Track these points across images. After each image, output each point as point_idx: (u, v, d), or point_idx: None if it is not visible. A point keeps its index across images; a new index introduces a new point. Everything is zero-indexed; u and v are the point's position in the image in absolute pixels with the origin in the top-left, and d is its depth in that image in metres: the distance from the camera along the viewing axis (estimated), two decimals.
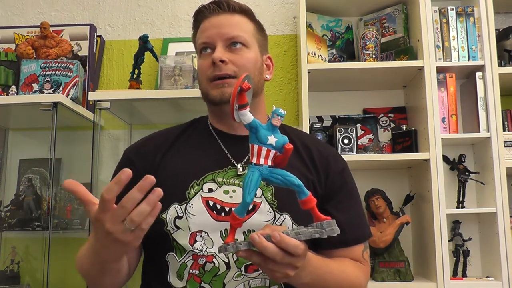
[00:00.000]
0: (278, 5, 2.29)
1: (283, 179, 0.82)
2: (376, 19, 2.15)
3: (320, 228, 0.81)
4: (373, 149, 2.02)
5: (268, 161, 0.82)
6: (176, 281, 1.00)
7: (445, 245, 1.78)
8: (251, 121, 0.82)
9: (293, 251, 0.79)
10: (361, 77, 2.02)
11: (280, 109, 0.82)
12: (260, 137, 0.82)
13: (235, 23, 1.09)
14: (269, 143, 0.82)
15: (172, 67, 1.94)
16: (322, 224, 0.81)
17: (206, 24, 1.11)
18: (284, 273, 0.82)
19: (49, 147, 1.83)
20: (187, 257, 1.00)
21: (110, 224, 0.75)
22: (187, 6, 2.29)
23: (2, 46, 2.20)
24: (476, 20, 1.96)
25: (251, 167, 0.82)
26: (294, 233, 0.81)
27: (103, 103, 1.87)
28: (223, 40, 1.08)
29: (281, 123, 0.83)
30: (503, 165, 1.83)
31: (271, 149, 0.82)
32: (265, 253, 0.78)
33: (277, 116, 0.82)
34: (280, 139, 0.83)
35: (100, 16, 2.31)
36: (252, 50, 1.10)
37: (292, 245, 0.79)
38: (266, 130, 0.82)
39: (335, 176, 1.11)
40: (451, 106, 1.93)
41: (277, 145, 0.82)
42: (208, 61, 1.08)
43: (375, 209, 1.90)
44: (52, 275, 1.83)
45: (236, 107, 0.82)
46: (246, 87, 0.81)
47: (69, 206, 2.10)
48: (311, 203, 0.82)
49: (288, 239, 0.79)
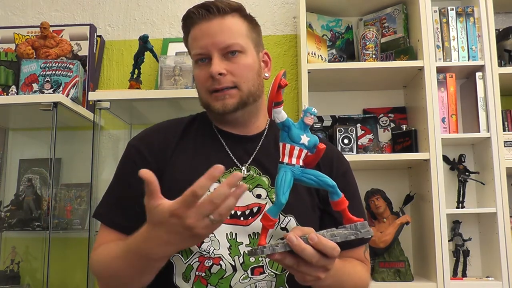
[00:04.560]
0: (278, 5, 2.29)
1: (317, 180, 0.81)
2: (376, 19, 2.15)
3: (355, 229, 0.80)
4: (373, 149, 2.02)
5: (300, 161, 0.80)
6: (182, 282, 1.00)
7: (445, 245, 1.78)
8: (284, 119, 0.80)
9: (330, 253, 0.79)
10: (361, 77, 2.02)
11: (313, 108, 0.80)
12: (292, 136, 0.79)
13: (228, 27, 1.05)
14: (302, 142, 0.80)
15: (172, 67, 1.94)
16: (357, 226, 0.80)
17: (197, 31, 1.07)
18: (315, 276, 0.82)
19: (49, 147, 1.83)
20: (193, 258, 0.99)
21: (194, 219, 0.75)
22: (187, 6, 2.24)
23: (2, 46, 2.20)
24: (476, 20, 1.96)
25: (282, 167, 0.80)
26: (329, 235, 0.80)
27: (103, 103, 1.87)
28: (218, 49, 1.04)
29: (313, 122, 0.81)
30: (503, 165, 1.83)
31: (304, 149, 0.80)
32: (303, 255, 0.78)
33: (310, 115, 0.79)
34: (312, 139, 0.81)
35: (100, 16, 2.31)
36: (249, 55, 1.07)
37: (330, 247, 0.79)
38: (299, 129, 0.80)
39: (338, 177, 1.10)
40: (451, 106, 1.93)
41: (309, 144, 0.80)
42: (206, 73, 1.05)
43: (375, 209, 1.90)
44: (52, 275, 1.83)
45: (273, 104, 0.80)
46: (284, 84, 0.79)
47: (69, 206, 2.10)
48: (343, 205, 0.82)
49: (326, 241, 0.78)
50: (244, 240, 0.98)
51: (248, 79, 1.06)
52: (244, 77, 1.05)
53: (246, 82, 1.05)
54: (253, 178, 1.04)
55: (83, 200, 2.11)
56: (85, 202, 2.09)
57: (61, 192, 2.13)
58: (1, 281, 2.00)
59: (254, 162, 1.07)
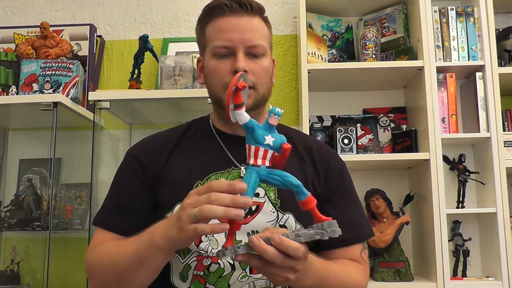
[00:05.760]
0: (278, 5, 2.29)
1: (282, 180, 0.80)
2: (376, 19, 2.15)
3: (321, 229, 0.78)
4: (373, 149, 2.02)
5: (266, 161, 0.80)
6: (179, 282, 1.00)
7: (445, 245, 1.78)
8: (247, 121, 0.80)
9: (293, 254, 0.78)
10: (361, 77, 2.02)
11: (277, 108, 0.79)
12: (257, 137, 0.79)
13: (256, 28, 1.06)
14: (266, 143, 0.79)
15: (172, 67, 1.94)
16: (323, 225, 0.79)
17: (226, 23, 1.05)
18: (284, 277, 0.81)
19: (49, 147, 1.83)
20: (191, 258, 1.00)
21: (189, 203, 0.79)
22: (187, 6, 2.29)
23: (2, 46, 2.20)
24: (476, 20, 1.96)
25: (248, 169, 0.80)
26: (294, 235, 0.78)
27: (103, 103, 1.87)
28: (245, 47, 1.04)
29: (278, 122, 0.80)
30: (503, 165, 1.83)
31: (269, 149, 0.80)
32: (265, 256, 0.77)
33: (274, 115, 0.79)
34: (278, 139, 0.80)
35: (100, 16, 2.31)
36: (268, 57, 1.09)
37: (292, 247, 0.77)
38: (263, 130, 0.80)
39: (333, 176, 1.11)
40: (451, 106, 1.93)
41: (275, 145, 0.80)
42: (226, 67, 1.04)
43: (375, 209, 1.90)
44: (52, 275, 1.84)
45: (232, 107, 0.80)
46: (241, 86, 0.79)
47: (69, 206, 2.10)
48: (311, 204, 0.80)
49: (287, 241, 0.77)
50: (243, 238, 0.98)
51: (265, 82, 1.07)
52: (262, 79, 1.06)
53: (262, 84, 1.06)
54: None
55: (83, 200, 2.11)
56: (85, 202, 2.09)
57: (61, 192, 2.13)
58: (1, 281, 2.00)
59: None
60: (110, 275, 0.96)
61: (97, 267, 1.00)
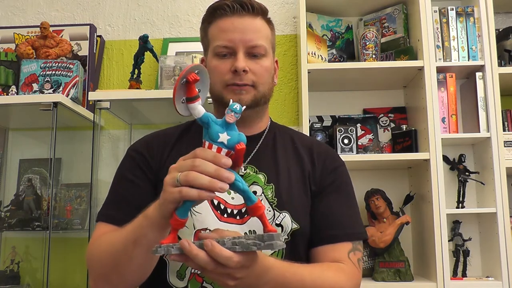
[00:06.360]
0: (278, 5, 2.29)
1: (229, 183, 0.74)
2: (376, 19, 2.15)
3: (261, 240, 0.72)
4: (373, 149, 2.02)
5: None
6: (176, 280, 1.00)
7: (445, 245, 1.78)
8: (201, 115, 0.75)
9: (224, 263, 0.73)
10: (361, 77, 2.02)
11: (236, 104, 0.74)
12: (211, 133, 0.74)
13: (258, 28, 1.08)
14: (220, 141, 0.74)
15: (172, 67, 1.94)
16: (264, 236, 0.72)
17: (228, 24, 1.07)
18: (223, 283, 0.78)
19: (49, 147, 1.83)
20: None
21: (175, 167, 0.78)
22: (187, 6, 2.29)
23: (2, 46, 2.20)
24: (476, 20, 1.96)
25: None
26: (231, 243, 0.73)
27: (103, 103, 1.87)
28: (245, 47, 1.06)
29: (235, 120, 0.74)
30: (503, 165, 1.83)
31: (222, 148, 0.74)
32: (196, 261, 0.74)
33: (231, 112, 0.73)
34: (235, 138, 0.74)
35: (100, 16, 2.31)
36: (269, 58, 1.10)
37: (223, 256, 0.73)
38: (219, 127, 0.74)
39: (327, 172, 1.11)
40: (451, 106, 1.93)
41: (229, 143, 0.74)
42: (227, 66, 1.06)
43: (375, 209, 1.90)
44: (52, 275, 1.84)
45: (183, 100, 0.75)
46: (193, 79, 0.74)
47: (69, 206, 2.10)
48: (258, 211, 0.76)
49: (219, 249, 0.73)
50: None
51: (265, 81, 1.08)
52: (262, 79, 1.07)
53: (263, 83, 1.08)
54: (249, 176, 1.05)
55: (83, 200, 2.11)
56: (85, 202, 2.09)
57: (61, 192, 2.13)
58: (1, 281, 2.00)
59: (251, 160, 1.08)
60: (108, 261, 0.94)
61: (96, 253, 0.99)
